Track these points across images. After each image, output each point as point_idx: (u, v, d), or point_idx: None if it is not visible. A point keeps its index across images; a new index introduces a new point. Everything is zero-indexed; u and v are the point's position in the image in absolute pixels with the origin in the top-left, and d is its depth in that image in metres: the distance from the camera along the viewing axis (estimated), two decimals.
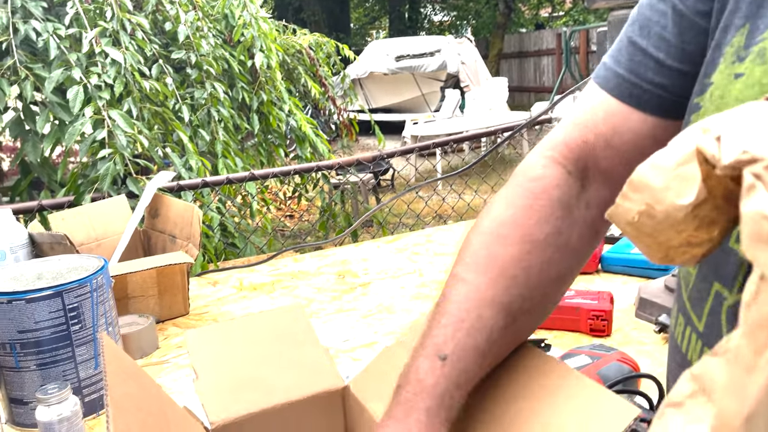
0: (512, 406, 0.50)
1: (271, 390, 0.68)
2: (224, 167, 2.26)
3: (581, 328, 0.94)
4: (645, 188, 0.32)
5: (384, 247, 1.50)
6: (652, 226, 0.33)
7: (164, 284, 1.10)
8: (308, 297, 1.21)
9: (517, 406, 0.50)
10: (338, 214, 2.92)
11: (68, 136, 1.81)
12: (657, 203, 0.32)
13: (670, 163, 0.31)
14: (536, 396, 0.49)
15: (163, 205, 1.31)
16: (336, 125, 3.77)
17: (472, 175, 1.95)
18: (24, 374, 0.79)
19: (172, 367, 0.95)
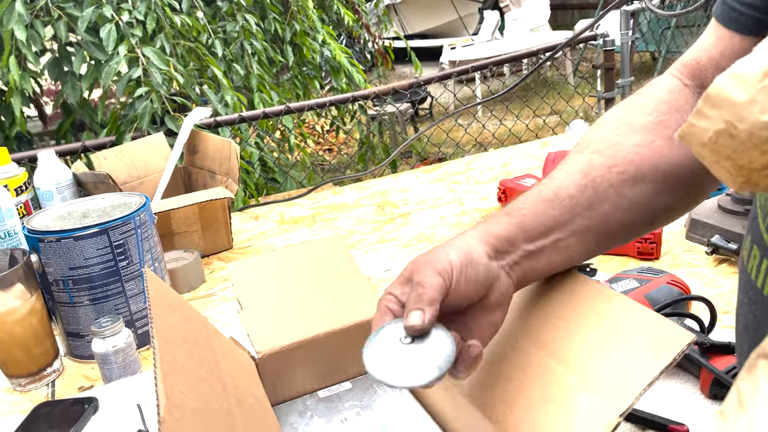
0: (556, 329, 0.49)
1: (315, 320, 0.69)
2: (260, 101, 2.24)
3: (628, 251, 0.92)
4: (725, 103, 0.28)
5: (423, 176, 1.48)
6: (731, 147, 0.29)
7: (207, 219, 1.11)
8: (348, 229, 1.21)
9: (561, 329, 0.49)
10: (376, 146, 2.90)
11: (105, 75, 1.82)
12: (739, 120, 0.28)
13: (755, 72, 0.27)
14: (581, 320, 0.48)
15: (201, 142, 1.31)
16: (371, 54, 3.68)
17: (513, 100, 1.88)
18: (78, 309, 0.82)
19: (219, 300, 0.98)
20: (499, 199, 1.21)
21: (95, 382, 0.80)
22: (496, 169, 1.45)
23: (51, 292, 0.82)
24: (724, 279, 0.84)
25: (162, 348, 0.45)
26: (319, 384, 0.70)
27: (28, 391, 0.79)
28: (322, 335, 0.68)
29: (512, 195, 1.18)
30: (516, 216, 0.49)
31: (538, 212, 0.49)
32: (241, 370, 0.60)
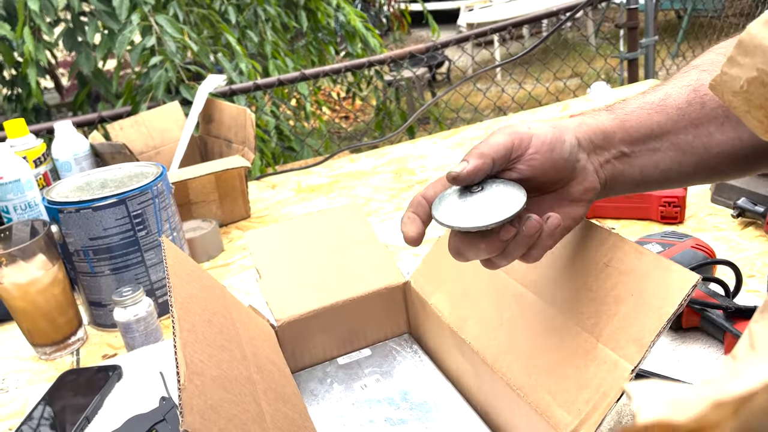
0: (567, 284, 0.48)
1: (333, 287, 0.69)
2: (275, 69, 2.22)
3: (651, 215, 0.90)
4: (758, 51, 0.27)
5: (440, 142, 1.46)
6: (765, 96, 0.28)
7: (224, 189, 1.11)
8: (366, 196, 1.21)
9: (572, 284, 0.48)
10: (393, 112, 2.87)
11: (118, 44, 1.81)
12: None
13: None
14: (592, 272, 0.47)
15: (216, 110, 1.30)
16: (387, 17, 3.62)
17: (533, 62, 1.84)
18: (99, 279, 0.82)
19: (238, 269, 0.98)
20: None
21: (119, 350, 0.81)
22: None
23: (72, 262, 0.83)
24: (750, 243, 0.82)
25: (181, 317, 0.45)
26: (339, 351, 0.70)
27: (54, 360, 0.81)
28: (341, 303, 0.68)
29: None
30: (618, 114, 0.48)
31: (642, 116, 0.48)
32: (261, 337, 0.60)
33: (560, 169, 0.45)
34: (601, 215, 0.94)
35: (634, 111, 0.48)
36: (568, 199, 0.47)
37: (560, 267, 0.50)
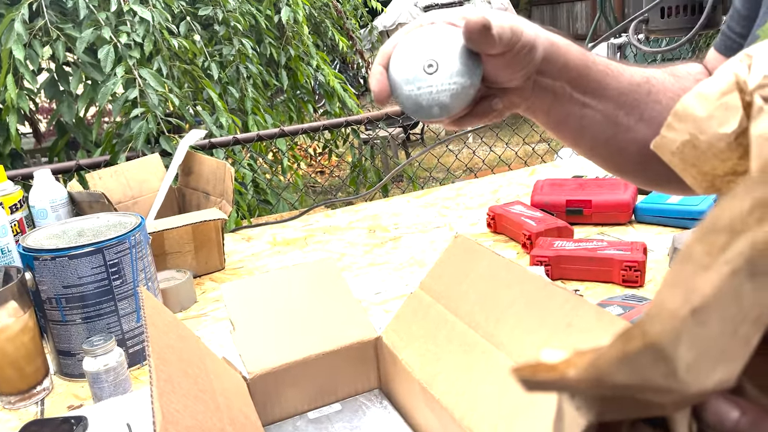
0: (531, 342, 0.51)
1: (306, 341, 0.70)
2: (254, 124, 2.27)
3: (614, 278, 0.94)
4: (689, 118, 0.32)
5: (414, 201, 1.50)
6: (696, 156, 0.33)
7: (200, 240, 1.12)
8: (340, 251, 1.23)
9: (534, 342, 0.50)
10: (368, 169, 2.92)
11: (101, 95, 1.84)
12: (700, 132, 0.32)
13: (714, 92, 0.31)
14: (554, 332, 0.50)
15: (196, 163, 1.33)
16: (364, 79, 3.73)
17: (503, 128, 1.92)
18: (70, 327, 0.82)
19: (210, 320, 0.99)
20: (489, 225, 1.23)
21: (85, 401, 0.80)
22: (486, 196, 1.48)
23: (44, 310, 0.82)
24: None
25: (158, 367, 0.46)
26: (310, 405, 0.71)
27: (17, 410, 0.79)
28: (313, 357, 0.69)
29: (501, 221, 1.20)
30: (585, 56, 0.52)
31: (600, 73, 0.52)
32: (234, 389, 0.61)
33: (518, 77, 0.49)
34: (566, 277, 0.97)
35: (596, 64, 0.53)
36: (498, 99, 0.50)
37: (526, 326, 0.53)
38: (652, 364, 0.15)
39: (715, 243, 0.14)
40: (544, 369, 0.15)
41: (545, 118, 0.54)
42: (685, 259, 0.15)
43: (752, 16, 0.56)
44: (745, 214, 0.14)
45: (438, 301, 0.66)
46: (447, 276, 0.67)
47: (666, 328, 0.14)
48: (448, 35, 0.47)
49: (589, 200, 1.17)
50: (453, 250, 0.67)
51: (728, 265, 0.14)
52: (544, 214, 1.15)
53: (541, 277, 0.55)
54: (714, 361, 0.15)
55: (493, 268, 0.61)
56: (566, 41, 0.52)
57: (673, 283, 0.15)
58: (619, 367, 0.15)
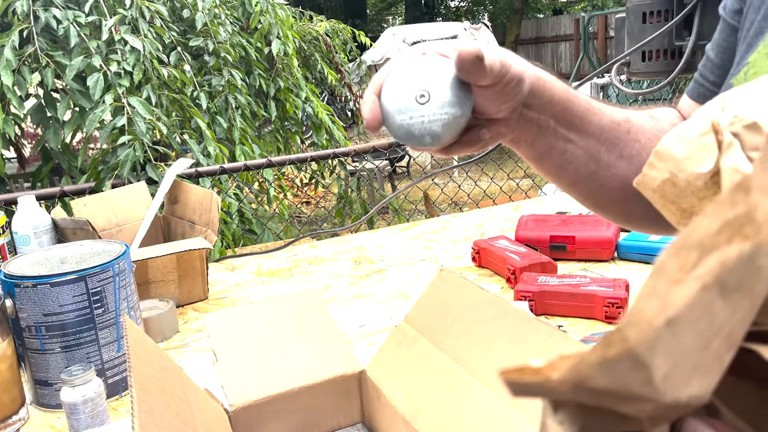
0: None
1: (289, 374, 0.70)
2: (242, 154, 2.28)
3: (596, 315, 0.95)
4: (669, 157, 0.34)
5: (399, 234, 1.51)
6: (675, 193, 0.35)
7: (184, 269, 1.12)
8: (325, 283, 1.23)
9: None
10: (354, 201, 2.93)
11: (88, 122, 1.84)
12: (679, 171, 0.34)
13: (692, 134, 0.33)
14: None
15: (183, 192, 1.33)
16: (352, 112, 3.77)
17: (488, 162, 1.94)
18: (49, 356, 0.81)
19: (192, 351, 0.97)
20: (473, 258, 1.24)
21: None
22: (471, 230, 1.49)
23: (22, 338, 0.81)
24: None
25: (140, 398, 0.46)
26: None
27: None
28: (296, 389, 0.69)
29: (486, 256, 1.21)
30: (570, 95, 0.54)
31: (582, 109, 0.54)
32: (215, 422, 0.60)
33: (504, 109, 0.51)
34: (550, 313, 0.98)
35: (580, 99, 0.54)
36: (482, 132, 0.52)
37: (510, 361, 0.53)
38: (631, 371, 0.15)
39: (687, 259, 0.15)
40: (530, 372, 0.16)
41: (529, 150, 0.56)
42: (659, 272, 0.15)
43: (725, 65, 0.58)
44: (714, 233, 0.15)
45: (422, 334, 0.66)
46: (432, 309, 0.67)
47: (643, 336, 0.15)
48: (439, 66, 0.49)
49: (572, 236, 1.19)
50: (438, 284, 0.68)
51: (699, 281, 0.15)
52: (528, 250, 1.16)
53: (525, 312, 0.55)
54: (688, 374, 0.15)
55: (477, 302, 0.62)
56: (551, 77, 0.54)
57: (649, 293, 0.15)
58: (600, 371, 0.15)
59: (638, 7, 1.19)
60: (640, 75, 1.19)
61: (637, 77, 1.22)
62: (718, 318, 0.15)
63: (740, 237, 0.15)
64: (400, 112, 0.49)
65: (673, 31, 1.16)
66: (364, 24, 13.20)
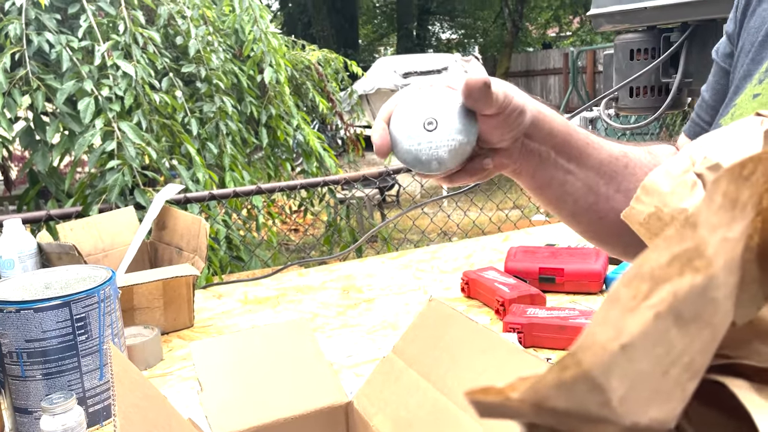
0: None
1: (275, 404, 0.68)
2: (231, 180, 2.27)
3: None
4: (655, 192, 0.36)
5: (388, 263, 1.51)
6: (660, 227, 0.36)
7: (170, 296, 1.10)
8: (313, 311, 1.22)
9: None
10: (343, 229, 2.93)
11: (78, 146, 1.83)
12: (664, 206, 0.35)
13: (677, 170, 0.35)
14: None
15: (171, 218, 1.32)
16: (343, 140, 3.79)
17: (477, 193, 1.96)
18: (29, 383, 0.79)
19: (176, 379, 0.96)
20: (462, 289, 1.24)
21: None
22: (460, 260, 1.49)
23: (3, 364, 0.79)
24: None
25: (123, 426, 0.45)
26: None
27: None
28: (282, 420, 0.67)
29: (475, 287, 1.20)
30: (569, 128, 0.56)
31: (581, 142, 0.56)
32: None
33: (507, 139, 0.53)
34: (539, 345, 0.97)
35: (579, 133, 0.57)
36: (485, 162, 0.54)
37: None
38: (587, 393, 0.15)
39: (639, 289, 0.16)
40: (493, 392, 0.16)
41: (530, 180, 0.57)
42: (612, 301, 0.16)
43: (718, 106, 0.61)
44: (663, 265, 0.16)
45: (410, 366, 0.65)
46: (420, 340, 0.66)
47: (597, 360, 0.15)
48: (447, 96, 0.51)
49: (561, 269, 1.19)
50: (427, 314, 0.67)
51: (652, 310, 0.15)
52: (518, 281, 1.16)
53: (514, 344, 0.55)
54: (647, 398, 0.16)
55: (466, 333, 0.61)
56: (551, 111, 0.56)
57: (602, 321, 0.16)
58: (557, 392, 0.16)
59: (626, 45, 1.22)
60: (628, 110, 1.21)
61: (625, 112, 1.24)
62: (675, 347, 0.15)
63: (691, 270, 0.15)
64: (409, 138, 0.51)
65: (659, 69, 1.18)
66: (356, 54, 13.37)
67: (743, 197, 0.16)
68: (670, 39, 1.17)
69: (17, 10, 1.96)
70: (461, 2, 16.01)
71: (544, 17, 15.77)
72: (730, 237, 0.16)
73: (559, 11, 15.02)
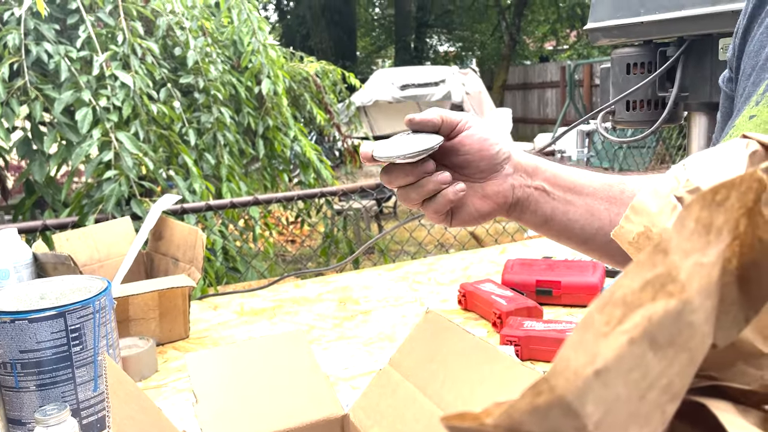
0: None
1: (271, 417, 0.68)
2: (228, 191, 2.27)
3: None
4: (644, 212, 0.36)
5: (385, 274, 1.50)
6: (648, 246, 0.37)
7: (165, 307, 1.10)
8: (309, 323, 1.21)
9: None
10: (340, 240, 2.93)
11: (75, 156, 1.83)
12: (653, 225, 0.36)
13: (665, 190, 0.35)
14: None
15: (167, 228, 1.32)
16: (340, 151, 3.80)
17: None
18: (23, 395, 0.79)
19: (171, 391, 0.95)
20: (459, 302, 1.23)
21: None
22: (457, 272, 1.49)
23: None
24: None
25: None
26: None
27: None
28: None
29: (472, 299, 1.20)
30: (554, 162, 0.61)
31: (572, 173, 0.60)
32: None
33: (485, 161, 0.59)
34: (536, 358, 0.97)
35: (567, 169, 0.61)
36: (482, 192, 0.60)
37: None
38: (562, 418, 0.15)
39: (612, 314, 0.16)
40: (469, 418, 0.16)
41: (533, 216, 0.61)
42: (585, 326, 0.16)
43: None
44: (636, 291, 0.16)
45: (407, 378, 0.65)
46: (417, 353, 0.66)
47: (570, 385, 0.15)
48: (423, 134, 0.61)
49: (558, 281, 1.19)
50: (424, 327, 0.67)
51: (626, 335, 0.15)
52: (515, 294, 1.16)
53: (511, 357, 0.55)
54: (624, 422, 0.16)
55: (463, 346, 0.61)
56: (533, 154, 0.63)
57: (576, 346, 0.16)
58: (531, 418, 0.16)
59: (622, 59, 1.23)
60: (625, 123, 1.22)
61: (621, 126, 1.24)
62: (652, 371, 0.16)
63: (664, 295, 0.16)
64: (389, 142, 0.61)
65: (656, 83, 1.19)
66: (354, 66, 13.43)
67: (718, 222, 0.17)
68: (667, 53, 1.18)
69: (16, 20, 1.97)
70: (459, 15, 16.13)
71: (542, 31, 15.89)
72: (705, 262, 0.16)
73: (556, 25, 15.13)
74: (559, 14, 14.73)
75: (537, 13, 15.41)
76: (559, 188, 0.59)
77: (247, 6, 2.71)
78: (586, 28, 1.27)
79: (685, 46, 1.15)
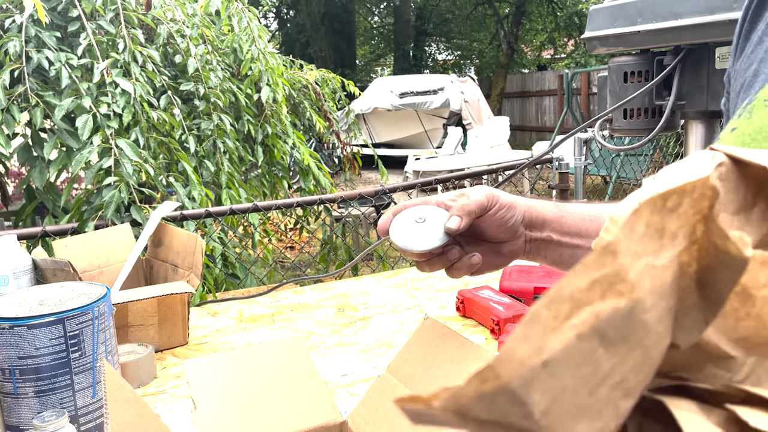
0: None
1: (270, 423, 0.68)
2: (228, 198, 2.28)
3: None
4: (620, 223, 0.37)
5: (384, 281, 1.51)
6: None
7: (164, 313, 1.10)
8: (308, 330, 1.21)
9: None
10: (339, 247, 2.93)
11: (75, 163, 1.84)
12: None
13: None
14: None
15: (167, 235, 1.32)
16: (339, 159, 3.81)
17: None
18: (21, 401, 0.79)
19: (170, 398, 0.95)
20: (458, 308, 1.24)
21: None
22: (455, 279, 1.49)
23: None
24: None
25: None
26: None
27: None
28: None
29: (470, 306, 1.20)
30: (561, 210, 0.65)
31: (576, 219, 0.64)
32: None
33: (504, 231, 0.64)
34: None
35: (572, 213, 0.65)
36: (498, 252, 0.66)
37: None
38: (509, 404, 0.16)
39: (560, 310, 0.16)
40: (420, 400, 0.17)
41: (545, 261, 0.66)
42: (532, 320, 0.16)
43: None
44: (584, 289, 0.16)
45: (405, 384, 0.65)
46: (415, 359, 0.66)
47: (515, 373, 0.15)
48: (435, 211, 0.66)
49: None
50: (422, 333, 0.67)
51: (573, 330, 0.16)
52: (513, 301, 1.16)
53: None
54: (573, 413, 0.16)
55: (462, 352, 0.61)
56: (543, 202, 0.66)
57: (522, 339, 0.16)
58: (478, 403, 0.16)
59: (619, 67, 1.23)
60: (622, 132, 1.23)
61: (619, 134, 1.25)
62: (603, 366, 0.16)
63: (614, 294, 0.16)
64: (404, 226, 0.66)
65: (653, 91, 1.20)
66: (354, 74, 13.47)
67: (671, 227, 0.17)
68: (663, 62, 1.19)
69: (17, 27, 1.98)
70: (457, 24, 16.20)
71: (539, 39, 15.96)
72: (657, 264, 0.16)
73: (554, 34, 15.20)
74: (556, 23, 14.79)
75: (535, 22, 15.48)
76: (567, 235, 0.64)
77: (248, 14, 2.72)
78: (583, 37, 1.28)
79: (682, 54, 1.16)
